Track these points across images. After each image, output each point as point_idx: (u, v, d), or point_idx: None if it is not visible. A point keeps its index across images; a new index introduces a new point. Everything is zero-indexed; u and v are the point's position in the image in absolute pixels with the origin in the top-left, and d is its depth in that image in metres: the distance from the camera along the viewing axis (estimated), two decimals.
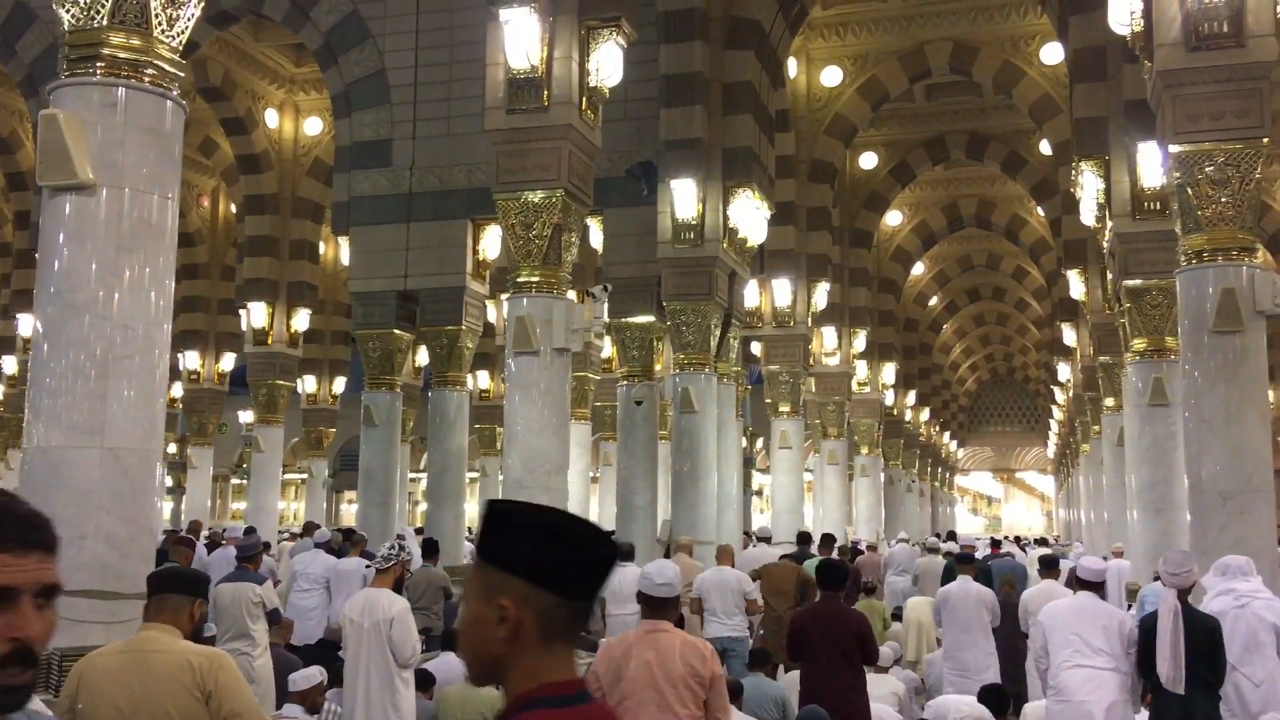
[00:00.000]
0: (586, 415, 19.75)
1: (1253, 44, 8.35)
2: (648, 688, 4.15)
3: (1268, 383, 8.95)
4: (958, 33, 19.45)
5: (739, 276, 14.82)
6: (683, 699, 4.12)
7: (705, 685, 4.17)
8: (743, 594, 9.25)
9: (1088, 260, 16.89)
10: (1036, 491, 58.50)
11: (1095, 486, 20.74)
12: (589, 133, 10.05)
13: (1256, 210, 8.76)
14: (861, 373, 25.96)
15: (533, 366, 9.44)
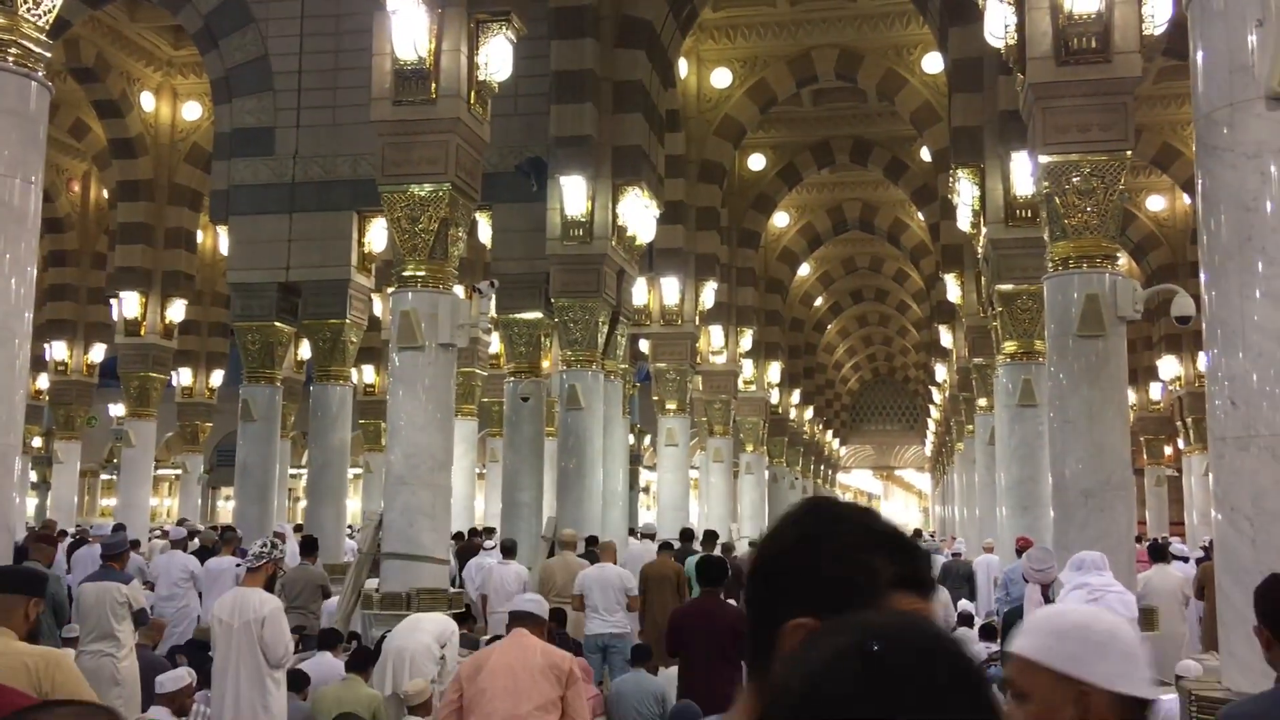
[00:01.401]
0: (473, 411, 19.59)
1: (1119, 60, 8.73)
2: (504, 676, 4.19)
3: (1127, 385, 9.37)
4: (844, 40, 19.85)
5: (627, 274, 14.89)
6: (538, 686, 4.16)
7: (563, 680, 4.21)
8: (624, 591, 9.31)
9: (964, 265, 17.42)
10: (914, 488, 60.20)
11: (968, 484, 21.43)
12: (477, 127, 9.98)
13: (1120, 220, 9.16)
14: (748, 371, 26.29)
15: (417, 361, 9.34)
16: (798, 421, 35.81)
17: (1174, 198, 24.26)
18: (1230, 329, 4.39)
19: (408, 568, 8.87)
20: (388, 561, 9.03)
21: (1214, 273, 4.50)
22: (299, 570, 10.17)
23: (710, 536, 12.98)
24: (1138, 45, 8.71)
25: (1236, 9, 4.46)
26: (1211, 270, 4.52)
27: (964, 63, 13.46)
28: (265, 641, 5.76)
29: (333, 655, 7.34)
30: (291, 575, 9.89)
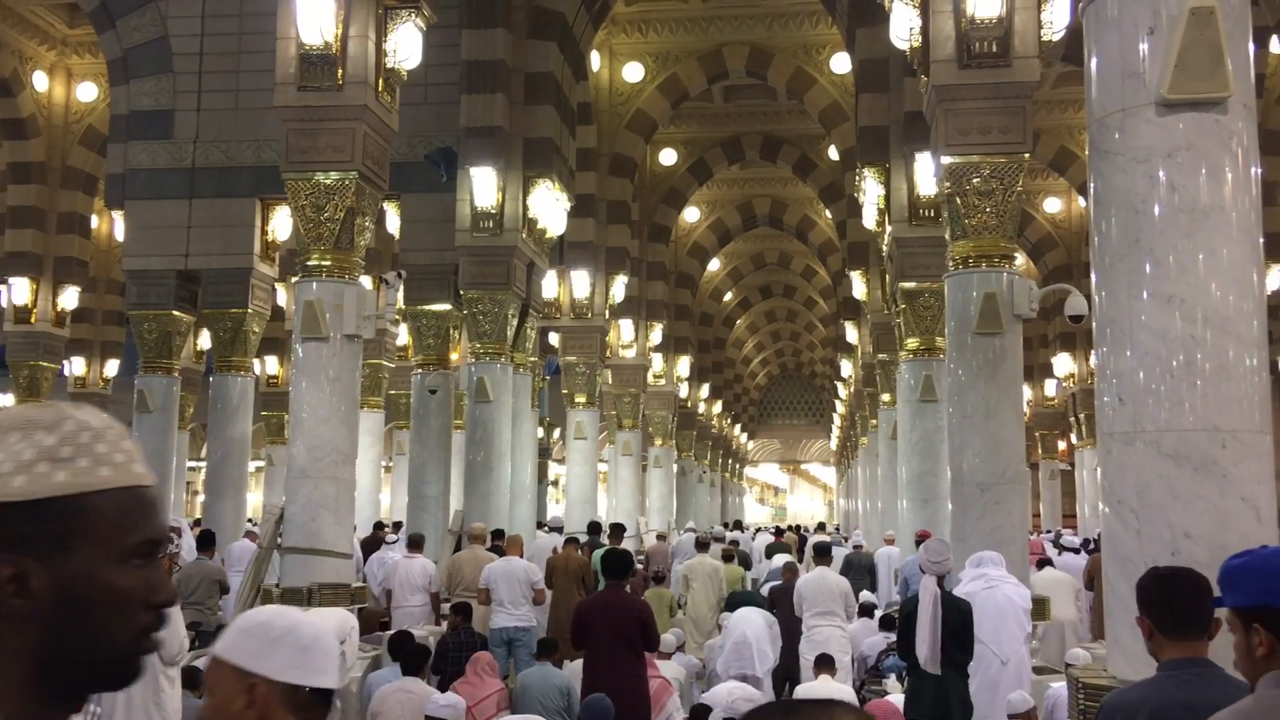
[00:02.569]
0: (379, 403, 19.31)
1: (1018, 64, 8.97)
2: None
3: (1023, 382, 9.64)
4: (754, 37, 20.03)
5: (537, 267, 14.82)
6: None
7: None
8: (530, 584, 9.28)
9: (869, 262, 17.73)
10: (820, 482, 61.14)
11: (871, 477, 21.83)
12: (385, 115, 9.83)
13: (1017, 220, 9.42)
14: (657, 365, 26.41)
15: (321, 353, 9.17)
16: (707, 416, 36.10)
17: (1070, 200, 25.03)
18: (1119, 328, 4.54)
19: (309, 562, 8.72)
20: (289, 556, 8.87)
21: (1104, 273, 4.64)
22: (195, 565, 9.93)
23: (617, 529, 13.00)
24: (1037, 50, 8.96)
25: (1130, 17, 4.61)
26: (1102, 271, 4.66)
27: (870, 63, 13.69)
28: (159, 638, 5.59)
29: None
30: (188, 570, 9.66)
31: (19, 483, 1.03)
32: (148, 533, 1.08)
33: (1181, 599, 2.75)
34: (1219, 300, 4.35)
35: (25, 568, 1.02)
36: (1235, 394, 4.32)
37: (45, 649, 1.04)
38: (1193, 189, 4.41)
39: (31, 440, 1.05)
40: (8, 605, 1.03)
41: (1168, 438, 4.33)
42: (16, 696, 1.03)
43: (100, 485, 1.05)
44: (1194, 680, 2.67)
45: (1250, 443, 4.30)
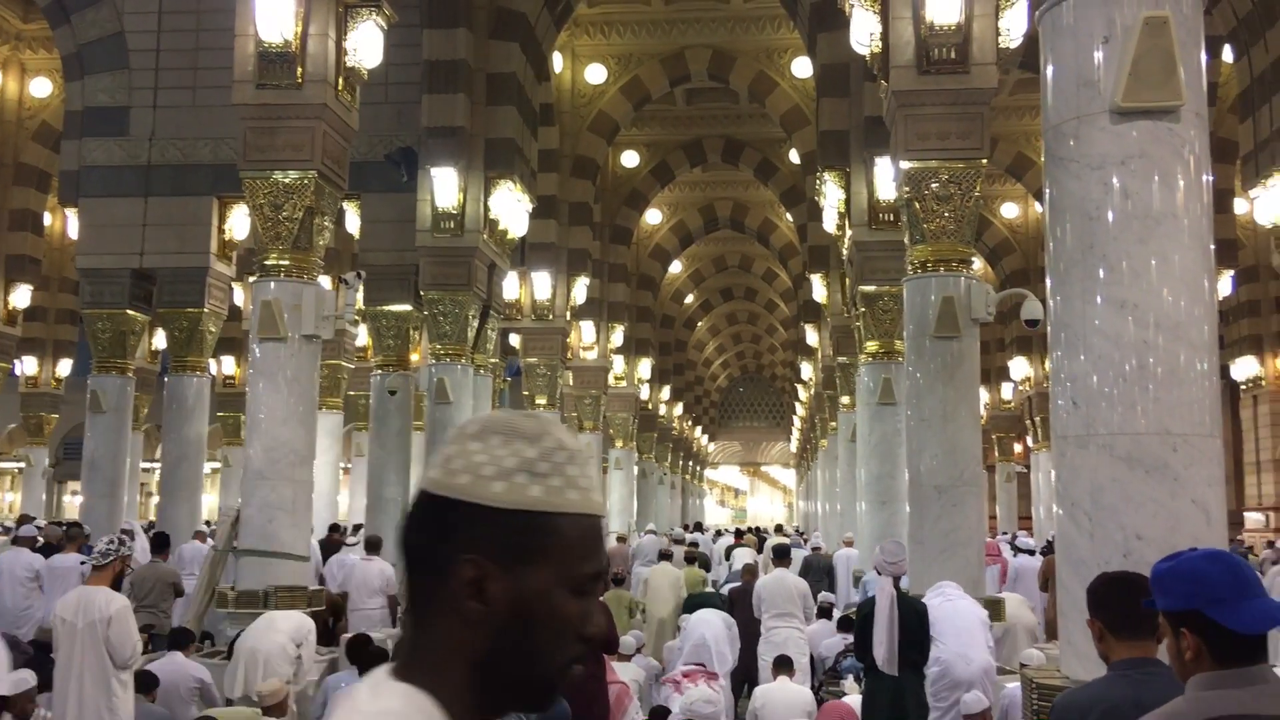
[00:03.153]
0: (338, 404, 19.16)
1: (976, 71, 9.06)
2: None
3: (980, 385, 9.74)
4: (716, 41, 20.09)
5: (499, 268, 14.77)
6: None
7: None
8: None
9: (829, 265, 17.82)
10: (780, 484, 61.39)
11: (831, 480, 21.94)
12: (345, 114, 9.76)
13: (975, 225, 9.51)
14: (618, 367, 26.40)
15: (279, 353, 9.09)
16: (667, 418, 36.14)
17: (1027, 205, 25.31)
18: (1073, 332, 4.60)
19: (265, 565, 8.63)
20: (245, 559, 8.78)
21: (1059, 278, 4.70)
22: (149, 568, 9.79)
23: None
24: (994, 57, 9.06)
25: (1085, 26, 4.67)
26: (1056, 276, 4.72)
27: (831, 68, 13.77)
28: (111, 642, 5.52)
29: (184, 655, 7.08)
30: (141, 573, 9.53)
31: (498, 489, 1.03)
32: (597, 565, 1.07)
33: (1131, 602, 2.79)
34: (1171, 306, 4.42)
35: (487, 572, 1.02)
36: (1186, 398, 4.38)
37: (488, 658, 1.03)
38: (1146, 196, 4.47)
39: (513, 448, 1.04)
40: (464, 607, 1.02)
41: (1120, 441, 4.39)
42: (458, 697, 1.02)
43: (568, 508, 1.04)
44: (1145, 680, 2.71)
45: (1200, 446, 4.36)
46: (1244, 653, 2.07)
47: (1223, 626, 2.03)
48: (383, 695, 1.01)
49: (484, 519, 1.02)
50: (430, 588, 1.04)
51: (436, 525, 1.04)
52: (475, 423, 1.08)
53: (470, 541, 1.02)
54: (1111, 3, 4.57)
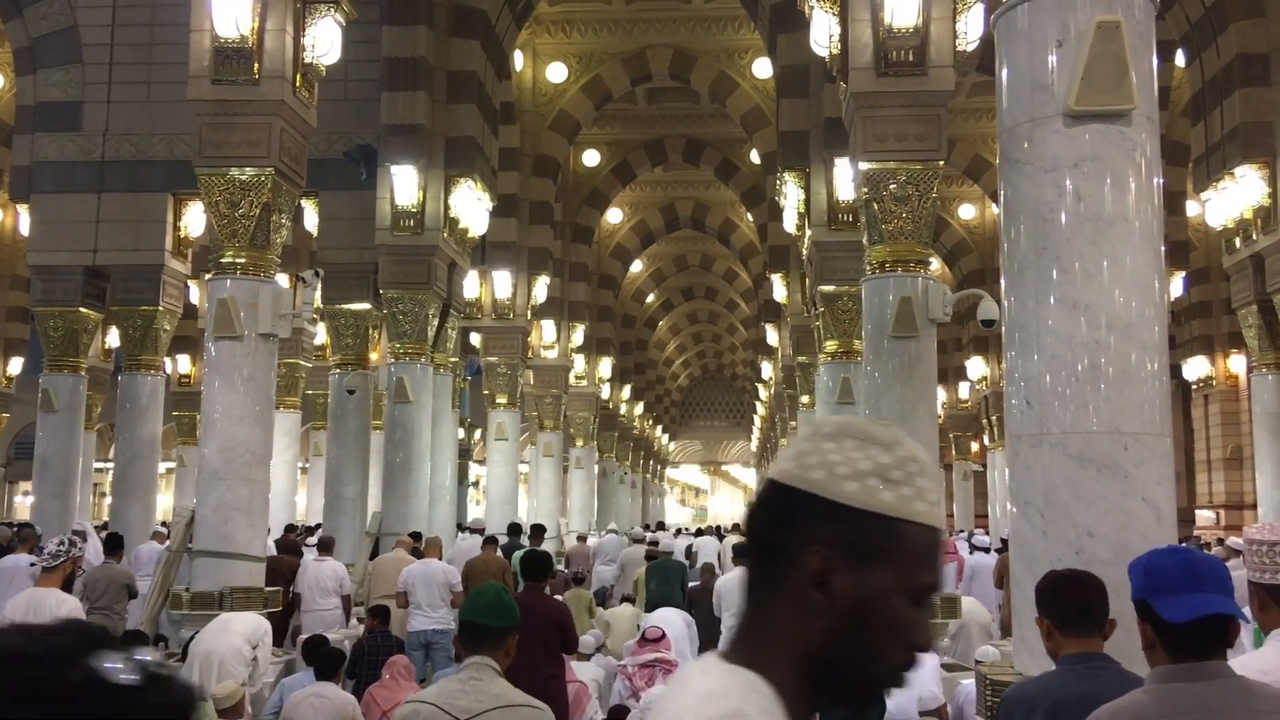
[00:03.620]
0: (296, 404, 18.99)
1: (934, 73, 9.14)
2: None
3: (937, 384, 9.83)
4: (678, 40, 20.13)
5: (459, 267, 14.71)
6: None
7: None
8: (448, 586, 9.20)
9: (789, 265, 17.91)
10: (740, 483, 61.54)
11: None
12: (303, 110, 9.67)
13: (933, 226, 9.60)
14: (579, 366, 26.39)
15: (235, 352, 8.99)
16: (628, 417, 36.16)
17: (984, 207, 25.56)
18: (1027, 333, 4.65)
19: (221, 566, 8.54)
20: (199, 560, 8.68)
21: (1013, 279, 4.76)
22: (102, 569, 9.65)
23: (537, 530, 12.97)
24: (952, 60, 9.14)
25: (1039, 30, 4.73)
26: (1011, 277, 4.78)
27: (792, 69, 13.84)
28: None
29: None
30: (94, 574, 9.39)
31: (851, 488, 1.05)
32: (934, 577, 1.09)
33: (1078, 599, 2.85)
34: (1122, 306, 4.49)
35: (833, 566, 1.04)
36: (1137, 397, 4.45)
37: (822, 649, 1.05)
38: (1098, 198, 4.54)
39: (868, 453, 1.07)
40: (807, 596, 1.05)
41: (1073, 440, 4.45)
42: (789, 683, 1.04)
43: (915, 518, 1.06)
44: (1092, 674, 2.77)
45: (1151, 445, 4.43)
46: (1192, 644, 2.12)
47: (1160, 616, 2.10)
48: (714, 675, 1.04)
49: (834, 515, 1.05)
50: (773, 575, 1.07)
51: (785, 515, 1.07)
52: (830, 424, 1.11)
53: (817, 535, 1.05)
54: (1065, 7, 4.64)
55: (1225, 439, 24.07)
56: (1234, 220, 12.99)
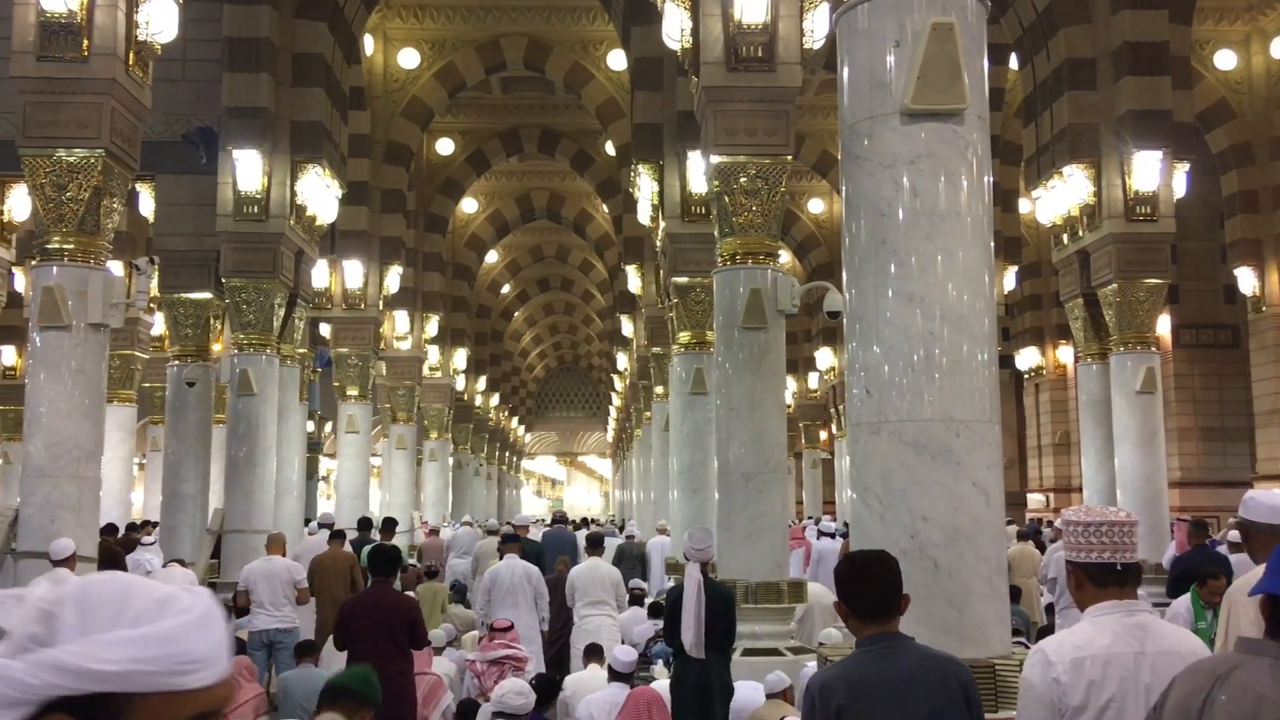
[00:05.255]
0: (131, 397, 18.17)
1: (782, 70, 9.34)
2: None
3: (786, 375, 10.05)
4: (532, 30, 20.00)
5: (307, 255, 14.30)
6: None
7: None
8: (292, 584, 8.95)
9: (644, 257, 18.04)
10: (596, 474, 61.83)
11: (645, 469, 22.26)
12: (137, 90, 9.25)
13: (782, 219, 9.81)
14: (433, 358, 26.02)
15: (63, 342, 8.55)
16: (483, 408, 35.86)
17: (832, 201, 26.26)
18: (866, 324, 4.80)
19: (47, 568, 8.11)
20: (24, 561, 8.23)
21: (853, 272, 4.89)
22: None
23: (388, 525, 12.74)
24: (799, 57, 9.35)
25: (878, 30, 4.87)
26: (851, 270, 4.92)
27: (645, 61, 13.92)
28: None
29: None
30: None
31: None
32: None
33: (875, 583, 2.98)
34: (955, 299, 4.66)
35: None
36: (968, 387, 4.64)
37: None
38: (933, 194, 4.71)
39: None
40: None
41: (909, 428, 4.61)
42: None
43: None
44: (885, 653, 2.92)
45: (981, 432, 4.63)
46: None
47: None
48: None
49: None
50: None
51: None
52: None
53: None
54: (902, 8, 4.78)
55: (1055, 426, 25.35)
56: (1062, 217, 13.67)
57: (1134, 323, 12.72)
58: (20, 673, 0.96)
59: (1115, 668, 2.68)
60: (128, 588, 1.03)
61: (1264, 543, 3.94)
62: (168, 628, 1.00)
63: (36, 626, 0.99)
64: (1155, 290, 12.86)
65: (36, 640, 0.98)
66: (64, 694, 0.96)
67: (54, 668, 0.96)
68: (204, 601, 1.03)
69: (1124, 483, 12.43)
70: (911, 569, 4.50)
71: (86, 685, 0.97)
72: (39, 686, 0.96)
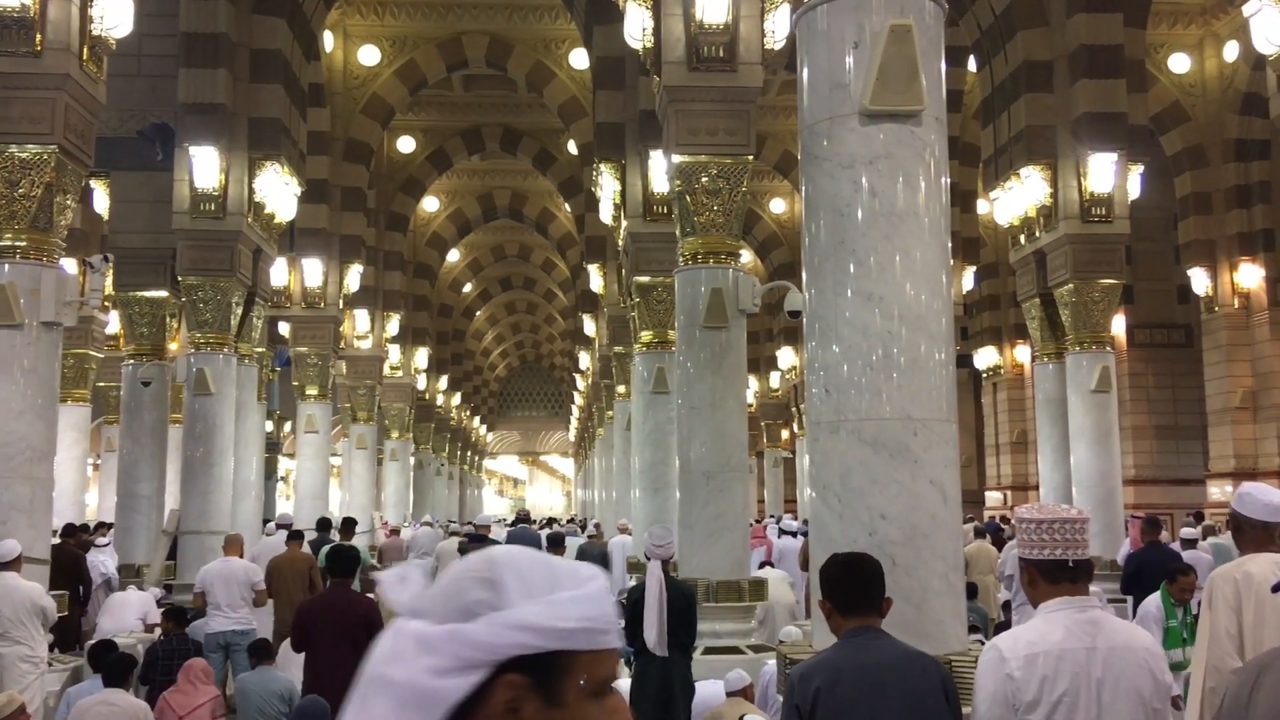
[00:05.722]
0: (86, 397, 17.92)
1: (743, 70, 9.36)
2: None
3: (747, 374, 10.09)
4: (494, 28, 19.93)
5: (265, 253, 14.15)
6: None
7: None
8: (250, 585, 8.86)
9: (606, 256, 18.03)
10: (558, 473, 61.71)
11: (607, 468, 22.27)
12: (91, 86, 9.10)
13: (743, 219, 9.84)
14: (394, 357, 25.89)
15: (14, 341, 8.39)
16: (445, 408, 35.70)
17: (793, 201, 26.38)
18: (826, 324, 4.82)
19: None
20: None
21: (813, 272, 4.92)
22: None
23: (348, 525, 12.63)
24: (760, 58, 9.38)
25: (838, 31, 4.90)
26: (811, 270, 4.94)
27: (607, 61, 13.91)
28: None
29: None
30: None
31: None
32: None
33: (859, 585, 3.03)
34: (913, 299, 4.70)
35: None
36: (926, 386, 4.67)
37: None
38: (891, 195, 4.74)
39: None
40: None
41: (867, 426, 4.64)
42: None
43: None
44: (865, 644, 2.98)
45: (938, 430, 4.67)
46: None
47: None
48: None
49: None
50: None
51: None
52: None
53: None
54: (861, 10, 4.82)
55: (1012, 424, 25.62)
56: (1019, 218, 13.81)
57: (1089, 322, 12.88)
58: (482, 634, 0.98)
59: (1067, 663, 2.71)
60: (542, 556, 1.07)
61: (1253, 538, 4.02)
62: (595, 590, 1.04)
63: (483, 593, 1.01)
64: (1110, 290, 13.02)
65: (486, 605, 1.00)
66: (525, 652, 0.99)
67: (520, 627, 0.99)
68: (596, 570, 1.08)
69: (1079, 480, 12.59)
70: None
71: (549, 642, 1.00)
72: (504, 646, 0.99)
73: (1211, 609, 4.00)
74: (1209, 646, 3.91)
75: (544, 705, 1.01)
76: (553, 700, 1.01)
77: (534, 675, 1.00)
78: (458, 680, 0.98)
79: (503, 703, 0.99)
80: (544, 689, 1.01)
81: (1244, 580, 3.90)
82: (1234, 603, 3.92)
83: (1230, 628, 3.87)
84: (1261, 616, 3.86)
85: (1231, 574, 3.98)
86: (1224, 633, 3.86)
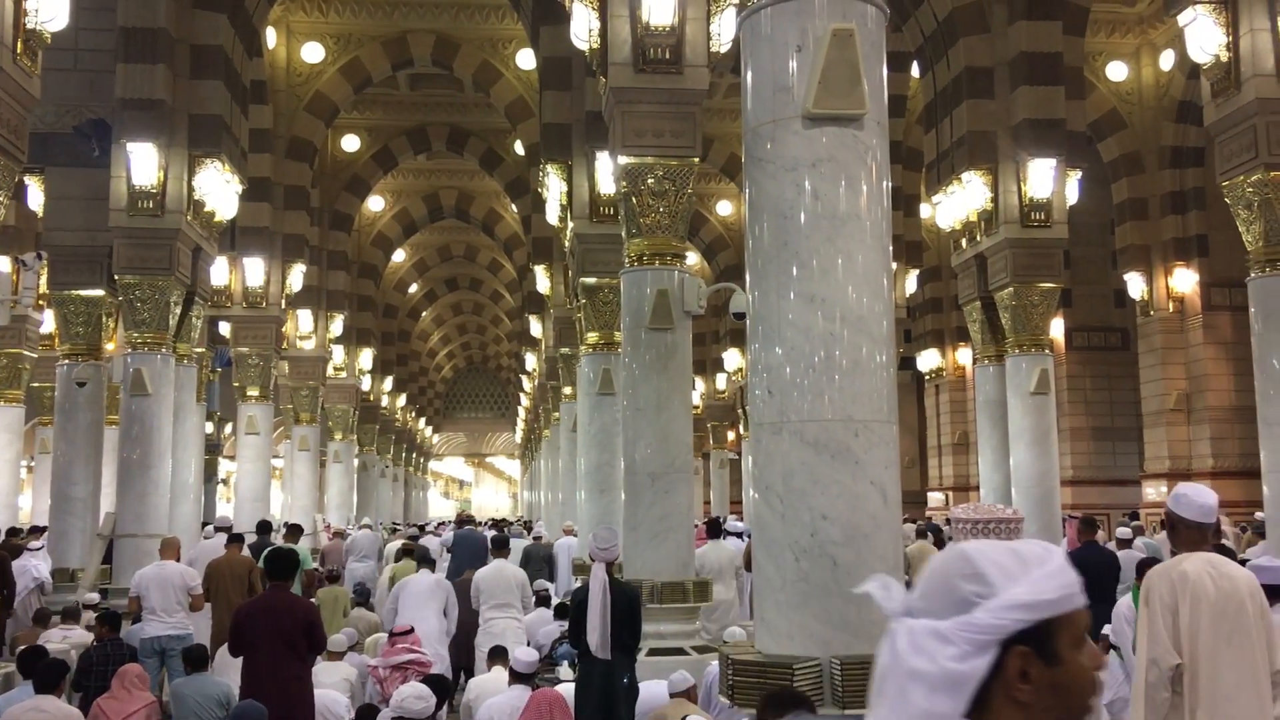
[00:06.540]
0: (19, 397, 17.51)
1: (689, 72, 9.39)
2: None
3: (693, 376, 10.10)
4: (440, 27, 19.79)
5: (205, 252, 13.92)
6: None
7: None
8: (186, 589, 8.71)
9: (553, 257, 17.98)
10: (505, 475, 61.47)
11: (553, 469, 22.20)
12: (25, 80, 8.89)
13: (689, 221, 9.86)
14: (338, 357, 25.62)
15: None
16: (390, 409, 35.39)
17: (740, 204, 26.48)
18: (769, 325, 4.85)
19: None
20: None
21: (756, 274, 4.94)
22: None
23: (294, 529, 12.49)
24: (706, 60, 9.41)
25: (781, 35, 4.92)
26: (755, 272, 4.96)
27: (554, 61, 13.87)
28: None
29: None
30: None
31: None
32: None
33: None
34: (855, 301, 4.74)
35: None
36: (867, 387, 4.72)
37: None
38: (833, 198, 4.78)
39: None
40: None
41: (810, 427, 4.67)
42: None
43: None
44: None
45: (879, 431, 4.71)
46: None
47: None
48: None
49: None
50: None
51: None
52: None
53: None
54: (804, 14, 4.85)
55: (954, 426, 25.95)
56: (961, 222, 14.00)
57: (1029, 325, 13.09)
58: (987, 620, 1.20)
59: None
60: (1004, 545, 1.27)
61: (1188, 538, 4.11)
62: (1058, 561, 1.26)
63: (973, 585, 1.23)
64: (1049, 294, 13.24)
65: (979, 595, 1.22)
66: (1022, 627, 1.21)
67: (1016, 606, 1.21)
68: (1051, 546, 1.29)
69: (1018, 481, 12.78)
70: (811, 567, 4.57)
71: (1041, 614, 1.22)
72: (1007, 625, 1.20)
73: (1149, 606, 4.09)
74: (1148, 643, 4.00)
75: (1045, 666, 1.22)
76: (1051, 660, 1.22)
77: (1032, 644, 1.21)
78: (978, 661, 1.20)
79: (1016, 672, 1.20)
80: (1043, 653, 1.22)
81: (1180, 579, 3.99)
82: (1170, 601, 4.00)
83: (1167, 625, 3.95)
84: (1197, 614, 3.95)
85: (1168, 573, 4.07)
86: (1162, 630, 3.94)
